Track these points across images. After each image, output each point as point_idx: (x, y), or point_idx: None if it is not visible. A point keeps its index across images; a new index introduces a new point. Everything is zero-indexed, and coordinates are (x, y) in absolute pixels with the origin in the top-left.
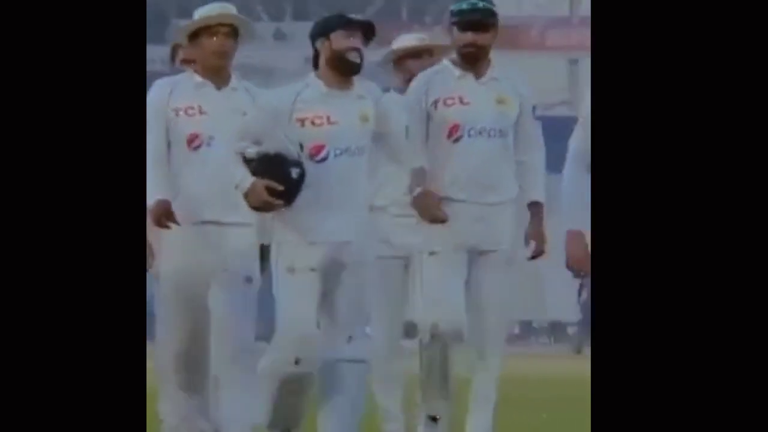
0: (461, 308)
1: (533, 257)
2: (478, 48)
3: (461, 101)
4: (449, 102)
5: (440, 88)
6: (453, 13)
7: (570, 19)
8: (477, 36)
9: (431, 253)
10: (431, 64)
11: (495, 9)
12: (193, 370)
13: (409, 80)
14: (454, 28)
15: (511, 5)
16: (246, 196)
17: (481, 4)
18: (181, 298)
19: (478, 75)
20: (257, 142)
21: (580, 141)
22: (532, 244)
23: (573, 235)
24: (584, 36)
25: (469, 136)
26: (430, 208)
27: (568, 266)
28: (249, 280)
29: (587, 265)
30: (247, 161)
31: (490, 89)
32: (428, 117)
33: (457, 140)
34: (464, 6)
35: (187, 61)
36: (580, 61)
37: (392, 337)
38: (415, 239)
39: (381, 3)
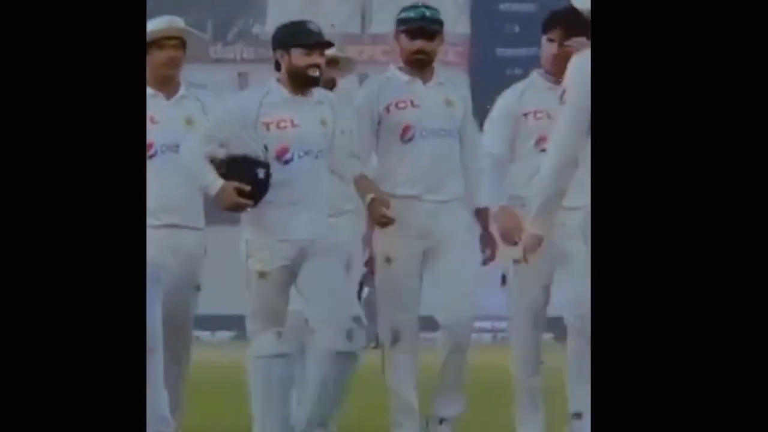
0: (417, 313)
1: (484, 263)
2: (426, 55)
3: (412, 104)
4: (401, 105)
5: (391, 93)
6: (401, 21)
7: (361, 37)
8: (425, 43)
9: (387, 260)
10: (337, 75)
11: (440, 17)
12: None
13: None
14: (402, 36)
15: None
16: (216, 197)
17: (428, 13)
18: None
19: (425, 80)
20: (222, 146)
21: (498, 149)
22: (486, 251)
23: (504, 209)
24: (376, 52)
25: (421, 136)
26: (378, 212)
27: (502, 237)
28: (198, 288)
29: (518, 232)
30: (216, 164)
31: (437, 92)
32: (380, 121)
33: (408, 141)
34: (412, 14)
35: None
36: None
37: None
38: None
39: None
